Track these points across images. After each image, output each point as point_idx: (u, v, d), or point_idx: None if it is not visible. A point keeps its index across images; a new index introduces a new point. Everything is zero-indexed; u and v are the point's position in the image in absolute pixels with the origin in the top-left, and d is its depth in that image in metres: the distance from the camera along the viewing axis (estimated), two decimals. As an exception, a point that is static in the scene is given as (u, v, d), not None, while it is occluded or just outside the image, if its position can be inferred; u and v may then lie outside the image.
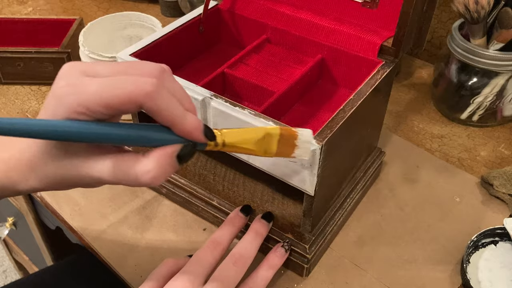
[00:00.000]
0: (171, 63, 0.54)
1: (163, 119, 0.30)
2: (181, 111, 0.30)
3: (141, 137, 0.30)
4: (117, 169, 0.31)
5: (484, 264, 0.50)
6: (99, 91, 0.29)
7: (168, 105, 0.30)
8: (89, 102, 0.29)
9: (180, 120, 0.30)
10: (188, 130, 0.31)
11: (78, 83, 0.29)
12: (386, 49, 0.49)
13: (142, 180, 0.30)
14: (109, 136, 0.30)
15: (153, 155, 0.30)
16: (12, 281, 0.66)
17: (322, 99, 0.54)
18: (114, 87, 0.29)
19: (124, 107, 0.29)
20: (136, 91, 0.29)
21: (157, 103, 0.29)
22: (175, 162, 0.31)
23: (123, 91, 0.29)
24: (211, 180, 0.54)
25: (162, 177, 0.30)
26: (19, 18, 0.79)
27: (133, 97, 0.29)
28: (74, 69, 0.30)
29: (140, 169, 0.30)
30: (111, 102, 0.29)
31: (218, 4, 0.58)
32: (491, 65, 0.61)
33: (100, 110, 0.29)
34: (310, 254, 0.47)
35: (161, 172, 0.30)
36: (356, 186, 0.54)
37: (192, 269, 0.41)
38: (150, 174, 0.30)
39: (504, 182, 0.57)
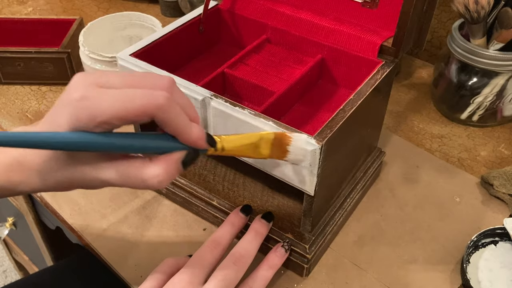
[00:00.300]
0: (171, 63, 0.54)
1: (171, 129, 0.32)
2: (187, 122, 0.33)
3: (148, 146, 0.33)
4: (125, 173, 0.33)
5: (484, 264, 0.50)
6: (113, 105, 0.30)
7: (176, 117, 0.32)
8: (104, 117, 0.30)
9: (186, 131, 0.33)
10: (193, 139, 0.33)
11: (92, 97, 0.30)
12: (386, 49, 0.49)
13: (149, 184, 0.32)
14: (118, 146, 0.31)
15: (160, 161, 0.32)
16: (12, 281, 0.66)
17: (322, 99, 0.54)
18: (128, 101, 0.30)
19: (137, 119, 0.31)
20: (150, 104, 0.30)
21: (167, 115, 0.31)
22: (180, 167, 0.33)
23: (137, 104, 0.30)
24: (211, 180, 0.54)
25: (168, 181, 0.33)
26: (19, 18, 0.79)
27: (147, 110, 0.30)
28: (87, 80, 0.31)
29: (148, 174, 0.32)
30: (125, 115, 0.30)
31: (218, 4, 0.58)
32: (491, 65, 0.61)
33: (114, 123, 0.31)
34: (310, 254, 0.47)
35: (167, 177, 0.32)
36: (356, 186, 0.54)
37: (192, 269, 0.41)
38: (158, 178, 0.32)
39: (504, 182, 0.57)
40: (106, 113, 0.30)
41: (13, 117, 0.68)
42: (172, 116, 0.31)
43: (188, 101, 0.34)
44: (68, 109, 0.30)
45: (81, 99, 0.30)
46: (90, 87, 0.31)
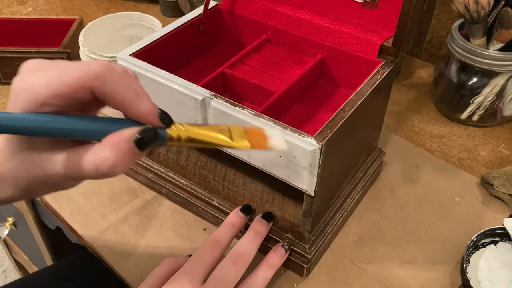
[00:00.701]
0: (171, 63, 0.54)
1: (115, 102, 0.29)
2: (134, 94, 0.29)
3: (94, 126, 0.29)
4: (71, 161, 0.29)
5: (484, 264, 0.50)
6: (48, 82, 0.28)
7: (120, 88, 0.29)
8: (41, 95, 0.28)
9: (133, 103, 0.29)
10: (141, 112, 0.30)
11: (30, 77, 0.29)
12: (386, 49, 0.49)
13: (101, 169, 0.28)
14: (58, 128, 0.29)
15: (108, 141, 0.28)
16: (12, 281, 0.66)
17: (322, 99, 0.54)
18: (62, 76, 0.28)
19: (76, 94, 0.28)
20: (86, 75, 0.28)
21: (108, 87, 0.28)
22: (133, 147, 0.28)
23: (70, 77, 0.28)
24: (211, 180, 0.54)
25: (122, 165, 0.28)
26: (19, 18, 0.79)
27: (83, 82, 0.28)
28: (30, 65, 0.30)
29: (97, 157, 0.28)
30: (61, 91, 0.28)
31: (218, 4, 0.58)
32: (491, 65, 0.61)
33: (54, 102, 0.28)
34: (310, 254, 0.47)
35: (120, 159, 0.28)
36: (356, 186, 0.54)
37: (192, 268, 0.41)
38: (109, 161, 0.28)
39: (504, 182, 0.57)
40: (44, 91, 0.28)
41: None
42: (113, 88, 0.29)
43: (133, 75, 0.31)
44: (12, 95, 0.29)
45: (20, 80, 0.29)
46: (30, 70, 0.29)
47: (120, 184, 0.58)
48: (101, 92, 0.29)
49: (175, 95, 0.46)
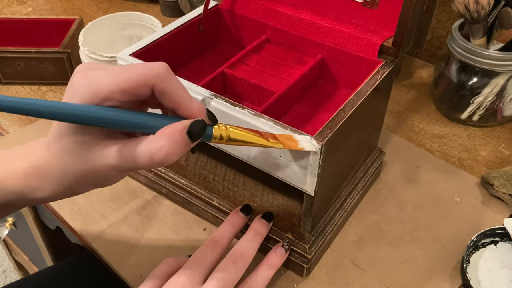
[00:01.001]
0: (171, 63, 0.54)
1: (172, 100, 0.32)
2: (188, 94, 0.32)
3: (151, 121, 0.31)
4: (126, 151, 0.31)
5: (484, 264, 0.50)
6: (113, 79, 0.30)
7: (176, 87, 0.32)
8: (104, 90, 0.30)
9: (186, 102, 0.32)
10: (194, 112, 0.32)
11: (92, 74, 0.31)
12: (386, 49, 0.49)
13: (155, 158, 0.30)
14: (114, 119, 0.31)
15: (163, 132, 0.30)
16: (12, 281, 0.66)
17: (322, 99, 0.54)
18: (128, 72, 0.30)
19: (138, 90, 0.30)
20: (149, 73, 0.31)
21: (168, 85, 0.31)
22: (186, 139, 0.31)
23: (136, 73, 0.30)
24: (211, 180, 0.54)
25: (176, 154, 0.30)
26: (19, 18, 0.79)
27: (147, 79, 0.30)
28: (89, 65, 0.32)
29: (152, 147, 0.30)
30: (125, 86, 0.30)
31: (218, 4, 0.58)
32: (491, 65, 0.61)
33: (115, 97, 0.30)
34: (310, 254, 0.47)
35: (174, 148, 0.30)
36: (356, 186, 0.54)
37: (192, 268, 0.41)
38: (164, 151, 0.30)
39: (504, 182, 0.57)
40: (107, 86, 0.30)
41: (13, 117, 0.68)
42: (171, 86, 0.31)
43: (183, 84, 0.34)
44: (71, 92, 0.31)
45: (82, 77, 0.31)
46: (90, 69, 0.31)
47: (120, 184, 0.58)
48: (161, 90, 0.31)
49: (175, 95, 0.46)
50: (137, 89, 0.30)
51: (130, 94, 0.31)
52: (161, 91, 0.31)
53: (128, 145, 0.31)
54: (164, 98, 0.31)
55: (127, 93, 0.30)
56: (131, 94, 0.31)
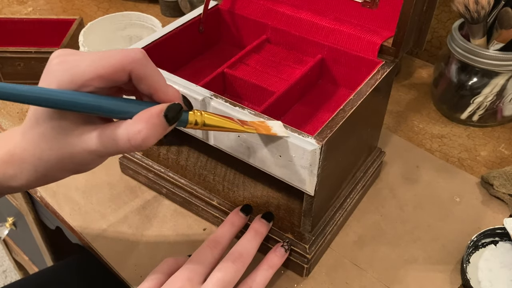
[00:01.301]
0: (171, 63, 0.54)
1: (149, 85, 0.32)
2: (164, 80, 0.33)
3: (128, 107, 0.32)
4: (108, 136, 0.31)
5: (484, 264, 0.50)
6: (91, 64, 0.30)
7: (154, 73, 0.32)
8: (82, 75, 0.30)
9: (163, 87, 0.33)
10: (170, 97, 0.33)
11: (70, 60, 0.31)
12: (386, 49, 0.49)
13: (133, 142, 0.31)
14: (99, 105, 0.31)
15: (140, 116, 0.31)
16: (12, 281, 0.66)
17: (322, 99, 0.54)
18: (106, 58, 0.31)
19: (116, 76, 0.31)
20: (126, 58, 0.31)
21: (145, 70, 0.32)
22: (164, 122, 0.31)
23: (113, 59, 0.31)
24: (211, 180, 0.54)
25: (154, 137, 0.31)
26: (19, 18, 0.79)
27: (124, 64, 0.31)
28: (66, 51, 0.32)
29: (130, 131, 0.31)
30: (103, 72, 0.30)
31: (218, 4, 0.58)
32: (491, 65, 0.61)
33: (93, 83, 0.31)
34: (310, 254, 0.47)
35: (152, 132, 0.31)
36: (356, 186, 0.54)
37: (192, 267, 0.41)
38: (142, 134, 0.31)
39: (504, 182, 0.57)
40: (85, 72, 0.30)
41: (13, 117, 0.68)
42: (149, 71, 0.32)
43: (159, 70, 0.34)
44: (49, 76, 0.31)
45: (60, 63, 0.31)
46: (67, 54, 0.32)
47: (120, 184, 0.58)
48: (138, 75, 0.32)
49: (175, 95, 0.46)
50: (115, 75, 0.31)
51: (108, 80, 0.31)
52: (138, 76, 0.32)
53: (107, 130, 0.32)
54: (141, 83, 0.32)
55: (104, 78, 0.31)
56: (109, 80, 0.31)
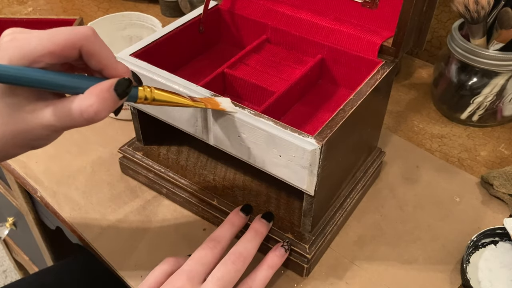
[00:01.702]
0: (171, 63, 0.54)
1: (99, 61, 0.33)
2: (113, 56, 0.34)
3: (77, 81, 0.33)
4: (62, 110, 0.32)
5: (484, 264, 0.50)
6: (41, 41, 0.31)
7: (103, 49, 0.33)
8: (33, 52, 0.31)
9: (113, 63, 0.34)
10: (120, 72, 0.34)
11: (21, 37, 0.32)
12: (386, 49, 0.49)
13: (86, 115, 0.32)
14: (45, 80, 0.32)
15: (91, 91, 0.32)
16: (12, 281, 0.66)
17: (322, 99, 0.54)
18: (55, 35, 0.32)
19: (66, 52, 0.32)
20: (76, 35, 0.32)
21: (94, 47, 0.33)
22: (114, 95, 0.33)
23: (64, 36, 0.32)
24: (211, 180, 0.54)
25: (105, 111, 0.32)
26: (19, 18, 0.79)
27: (74, 41, 0.32)
28: (17, 29, 0.33)
29: (82, 104, 0.32)
30: (53, 48, 0.31)
31: (218, 4, 0.58)
32: (491, 65, 0.61)
33: (44, 59, 0.31)
34: (310, 254, 0.47)
35: (103, 105, 0.32)
36: (356, 186, 0.54)
37: (192, 267, 0.41)
38: (93, 107, 0.32)
39: (504, 182, 0.57)
40: (36, 49, 0.31)
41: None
42: (98, 47, 0.33)
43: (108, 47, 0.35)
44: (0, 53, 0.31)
45: (11, 40, 0.32)
46: (18, 32, 0.32)
47: (120, 184, 0.58)
48: (88, 51, 0.32)
49: (175, 95, 0.46)
50: (65, 51, 0.32)
51: (59, 56, 0.32)
52: (88, 52, 0.32)
53: (60, 104, 0.33)
54: (91, 59, 0.33)
55: (55, 55, 0.31)
56: (60, 56, 0.32)
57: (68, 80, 0.33)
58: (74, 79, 0.33)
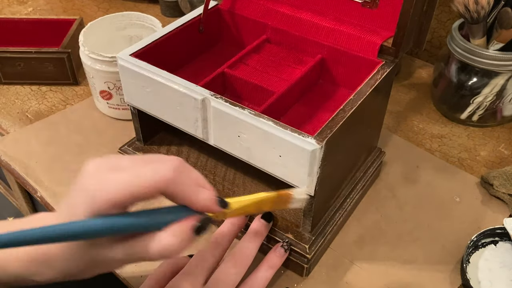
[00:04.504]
0: (171, 63, 0.54)
1: (181, 199, 0.32)
2: (196, 188, 0.33)
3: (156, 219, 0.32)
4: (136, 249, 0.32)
5: (484, 264, 0.50)
6: (126, 184, 0.31)
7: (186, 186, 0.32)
8: (117, 197, 0.30)
9: (194, 199, 0.33)
10: (202, 206, 0.33)
11: (105, 180, 0.31)
12: (386, 49, 0.49)
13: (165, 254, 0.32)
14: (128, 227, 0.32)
15: (171, 229, 0.32)
16: (12, 281, 0.66)
17: (322, 99, 0.54)
18: (139, 178, 0.31)
19: (149, 196, 0.31)
20: (161, 179, 0.31)
21: (177, 187, 0.32)
22: (191, 235, 0.32)
23: (147, 180, 0.31)
24: (211, 180, 0.54)
25: (182, 249, 0.32)
26: (19, 18, 0.79)
27: (158, 186, 0.31)
28: (100, 166, 0.32)
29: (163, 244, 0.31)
30: (137, 193, 0.31)
31: (218, 4, 0.58)
32: (491, 65, 0.61)
33: (126, 204, 0.31)
34: (310, 254, 0.47)
35: (179, 245, 0.32)
36: (356, 186, 0.54)
37: (192, 270, 0.41)
38: (173, 248, 0.31)
39: (504, 182, 0.57)
40: (119, 193, 0.30)
41: (13, 117, 0.68)
42: (181, 188, 0.32)
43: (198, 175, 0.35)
44: (83, 197, 0.31)
45: (96, 184, 0.31)
46: (103, 172, 0.32)
47: (120, 184, 0.58)
48: (170, 193, 0.32)
49: (175, 95, 0.46)
50: (148, 196, 0.31)
51: (140, 200, 0.31)
52: (170, 194, 0.32)
53: (138, 243, 0.32)
54: (174, 199, 0.32)
55: (138, 199, 0.31)
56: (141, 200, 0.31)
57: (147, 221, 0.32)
58: (153, 217, 0.32)
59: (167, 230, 0.32)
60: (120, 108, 0.65)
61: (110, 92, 0.63)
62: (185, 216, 0.33)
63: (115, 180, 0.31)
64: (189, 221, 0.32)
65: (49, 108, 0.69)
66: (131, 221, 0.32)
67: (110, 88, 0.63)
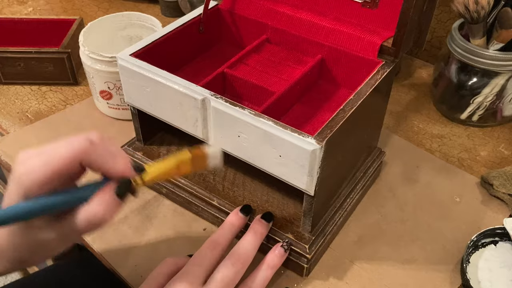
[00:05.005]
0: (171, 63, 0.54)
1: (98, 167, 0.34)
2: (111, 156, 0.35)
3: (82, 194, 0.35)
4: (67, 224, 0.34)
5: (484, 264, 0.50)
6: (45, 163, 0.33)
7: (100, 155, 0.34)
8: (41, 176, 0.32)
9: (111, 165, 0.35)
10: (119, 171, 0.35)
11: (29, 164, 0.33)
12: (386, 49, 0.49)
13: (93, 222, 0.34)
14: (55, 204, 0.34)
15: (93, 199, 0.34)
16: (12, 281, 0.66)
17: (322, 99, 0.54)
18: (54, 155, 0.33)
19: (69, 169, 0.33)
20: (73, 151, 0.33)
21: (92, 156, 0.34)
22: (116, 199, 0.34)
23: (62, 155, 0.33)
24: (211, 180, 0.54)
25: (110, 215, 0.34)
26: (19, 18, 0.79)
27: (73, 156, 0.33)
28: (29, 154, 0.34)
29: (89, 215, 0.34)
30: (57, 168, 0.33)
31: (218, 4, 0.58)
32: (491, 65, 0.61)
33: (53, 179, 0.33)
34: (310, 254, 0.47)
35: (107, 211, 0.34)
36: (356, 186, 0.54)
37: (192, 270, 0.41)
38: (99, 215, 0.34)
39: (504, 182, 0.57)
40: (41, 172, 0.32)
41: (13, 117, 0.68)
42: (95, 157, 0.34)
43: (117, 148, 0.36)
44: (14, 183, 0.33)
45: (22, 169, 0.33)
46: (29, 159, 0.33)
47: (120, 184, 0.58)
48: (87, 162, 0.34)
49: (175, 95, 0.46)
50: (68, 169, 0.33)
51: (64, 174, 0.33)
52: (87, 163, 0.34)
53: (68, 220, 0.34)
54: (91, 167, 0.34)
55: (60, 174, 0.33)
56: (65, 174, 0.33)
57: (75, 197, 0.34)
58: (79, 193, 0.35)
59: (91, 202, 0.34)
60: (120, 108, 0.65)
61: (110, 92, 0.63)
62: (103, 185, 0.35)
63: (37, 161, 0.33)
64: (109, 187, 0.34)
65: (49, 108, 0.69)
66: (57, 199, 0.34)
67: (110, 88, 0.63)
